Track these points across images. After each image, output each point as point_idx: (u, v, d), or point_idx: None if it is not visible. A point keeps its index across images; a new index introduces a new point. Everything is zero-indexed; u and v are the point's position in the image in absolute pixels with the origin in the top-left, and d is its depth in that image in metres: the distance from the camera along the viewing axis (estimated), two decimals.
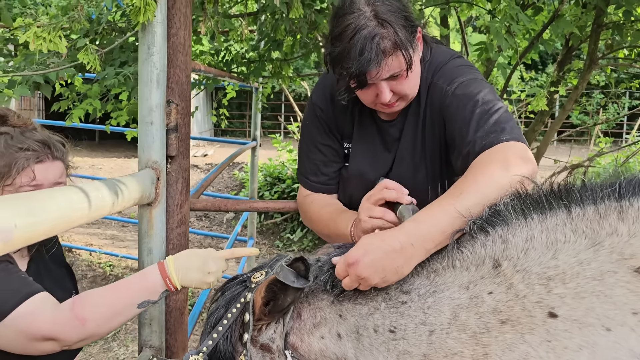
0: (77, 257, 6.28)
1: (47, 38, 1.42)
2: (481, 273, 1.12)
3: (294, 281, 1.19)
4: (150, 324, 1.60)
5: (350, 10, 1.39)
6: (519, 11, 2.76)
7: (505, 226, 1.12)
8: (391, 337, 1.16)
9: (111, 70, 2.89)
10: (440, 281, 1.16)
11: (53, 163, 1.54)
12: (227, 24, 2.98)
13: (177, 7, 1.63)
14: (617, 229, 1.03)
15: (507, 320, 1.05)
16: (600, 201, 1.06)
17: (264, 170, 8.60)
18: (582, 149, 14.19)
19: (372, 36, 1.35)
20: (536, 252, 1.07)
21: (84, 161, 12.23)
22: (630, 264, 0.99)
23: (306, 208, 1.77)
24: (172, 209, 1.72)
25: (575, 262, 1.03)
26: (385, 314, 1.18)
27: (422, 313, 1.14)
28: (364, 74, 1.38)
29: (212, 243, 7.71)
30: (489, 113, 1.40)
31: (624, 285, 0.98)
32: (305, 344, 1.24)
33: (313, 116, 1.73)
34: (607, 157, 7.70)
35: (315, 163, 1.74)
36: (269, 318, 1.26)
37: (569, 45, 3.90)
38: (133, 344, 4.65)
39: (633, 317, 0.96)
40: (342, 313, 1.23)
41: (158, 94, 1.54)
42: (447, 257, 1.17)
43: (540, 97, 2.77)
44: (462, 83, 1.50)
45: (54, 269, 1.67)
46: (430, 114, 1.59)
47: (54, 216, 0.81)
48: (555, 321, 1.01)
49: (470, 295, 1.10)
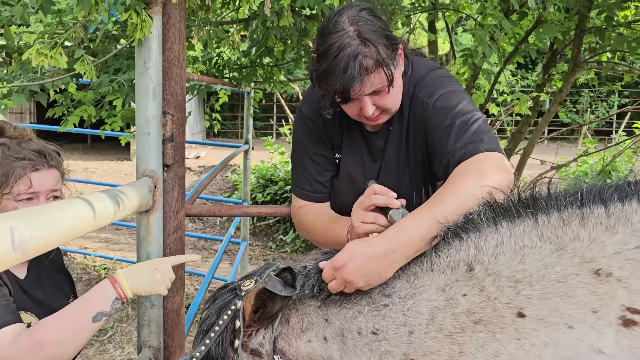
0: (71, 260, 6.32)
1: (49, 55, 1.49)
2: (456, 276, 1.20)
3: (281, 290, 1.26)
4: (149, 325, 1.68)
5: (334, 29, 1.47)
6: (502, 18, 2.85)
7: (477, 232, 1.21)
8: (374, 338, 1.24)
9: (105, 77, 2.95)
10: (419, 284, 1.24)
11: (49, 171, 1.60)
12: (219, 33, 3.05)
13: (171, 22, 1.71)
14: (578, 234, 1.11)
15: (480, 321, 1.14)
16: (564, 209, 1.15)
17: (257, 173, 8.67)
18: (573, 147, 14.36)
19: (355, 55, 1.43)
20: (505, 256, 1.16)
21: (77, 164, 12.23)
22: (591, 267, 1.07)
23: (301, 219, 1.82)
24: (169, 215, 1.79)
25: (541, 265, 1.12)
26: (368, 317, 1.26)
27: (402, 315, 1.22)
28: (347, 90, 1.46)
29: (206, 245, 7.77)
30: (467, 124, 1.49)
31: (585, 287, 1.07)
32: (293, 348, 1.31)
33: (305, 128, 1.79)
34: (594, 157, 7.83)
35: (309, 172, 1.79)
36: (258, 324, 1.33)
37: (554, 49, 3.99)
38: (129, 345, 4.70)
39: (592, 315, 1.05)
40: (328, 317, 1.31)
41: (154, 106, 1.61)
42: (426, 262, 1.26)
43: (523, 102, 2.86)
44: (441, 95, 1.58)
45: (53, 275, 1.73)
46: (413, 125, 1.67)
47: (64, 227, 0.89)
48: (523, 321, 1.10)
49: (446, 297, 1.19)
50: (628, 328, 1.02)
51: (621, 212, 1.10)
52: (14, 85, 2.49)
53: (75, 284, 1.87)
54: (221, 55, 4.00)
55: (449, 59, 5.18)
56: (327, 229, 1.71)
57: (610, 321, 1.03)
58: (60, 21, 3.40)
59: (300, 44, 3.71)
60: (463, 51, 3.13)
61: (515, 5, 2.76)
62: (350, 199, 1.75)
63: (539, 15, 3.45)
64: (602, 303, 1.05)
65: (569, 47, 3.82)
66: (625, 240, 1.07)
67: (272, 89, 4.30)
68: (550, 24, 3.36)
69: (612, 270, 1.05)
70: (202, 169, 11.50)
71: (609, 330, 1.03)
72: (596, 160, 7.83)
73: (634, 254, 1.05)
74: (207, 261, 6.97)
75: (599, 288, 1.05)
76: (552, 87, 4.32)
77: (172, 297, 1.85)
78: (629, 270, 1.04)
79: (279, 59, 4.04)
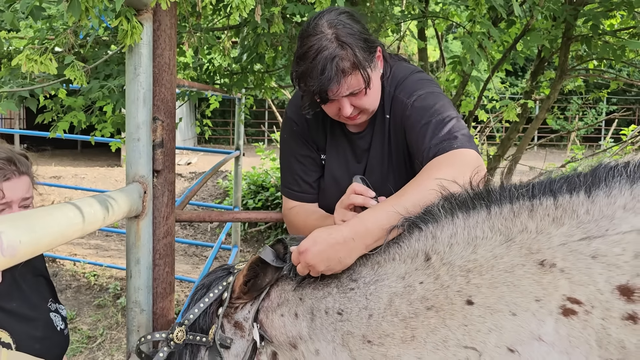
0: (60, 267, 6.28)
1: (39, 61, 1.50)
2: (415, 265, 1.25)
3: (273, 260, 1.36)
4: (138, 330, 1.67)
5: (313, 32, 1.52)
6: (490, 26, 2.89)
7: (435, 224, 1.25)
8: (339, 318, 1.31)
9: (96, 83, 2.95)
10: (382, 271, 1.31)
11: (20, 179, 1.58)
12: (210, 39, 3.06)
13: (162, 29, 1.72)
14: (527, 226, 1.13)
15: (432, 307, 1.19)
16: (515, 200, 1.17)
17: (248, 179, 8.66)
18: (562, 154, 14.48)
19: (332, 57, 1.48)
20: (459, 247, 1.20)
21: (67, 170, 12.17)
22: (536, 257, 1.10)
23: (292, 219, 1.86)
24: (159, 221, 1.79)
25: (491, 256, 1.15)
26: (336, 298, 1.34)
27: (365, 299, 1.29)
28: (325, 91, 1.52)
29: (197, 251, 7.74)
30: (443, 122, 1.53)
31: (530, 277, 1.10)
32: (269, 320, 1.41)
33: (290, 130, 1.84)
34: (583, 163, 7.90)
35: (297, 173, 1.84)
36: (247, 297, 1.42)
37: (541, 56, 4.05)
38: (118, 352, 4.67)
39: (535, 304, 1.08)
40: (302, 296, 1.39)
41: (144, 112, 1.62)
42: (388, 251, 1.32)
43: (511, 109, 2.90)
44: (420, 96, 1.63)
45: (30, 278, 1.71)
46: (394, 125, 1.72)
47: (52, 231, 0.89)
48: (471, 308, 1.14)
49: (404, 284, 1.24)
50: (567, 317, 1.04)
51: (568, 204, 1.11)
52: (3, 90, 2.49)
53: (61, 289, 1.85)
54: (212, 62, 4.02)
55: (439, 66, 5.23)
56: (316, 227, 1.75)
57: (551, 310, 1.06)
58: (51, 27, 3.40)
59: (291, 50, 3.73)
60: (452, 58, 3.17)
61: (503, 14, 2.80)
62: (336, 199, 1.78)
63: (526, 24, 3.50)
64: (545, 292, 1.07)
65: (557, 54, 3.87)
66: (570, 232, 1.08)
67: (263, 95, 4.31)
68: (537, 32, 3.41)
69: (555, 261, 1.08)
70: (193, 175, 11.47)
71: (549, 318, 1.06)
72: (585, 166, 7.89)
73: (577, 245, 1.07)
74: (198, 268, 6.95)
75: (543, 278, 1.08)
76: (540, 94, 4.37)
77: (162, 303, 1.85)
78: (571, 262, 1.06)
79: (269, 66, 4.06)
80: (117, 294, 5.74)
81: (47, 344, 1.66)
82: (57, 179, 10.75)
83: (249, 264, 1.39)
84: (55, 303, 1.80)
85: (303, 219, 1.82)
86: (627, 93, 19.25)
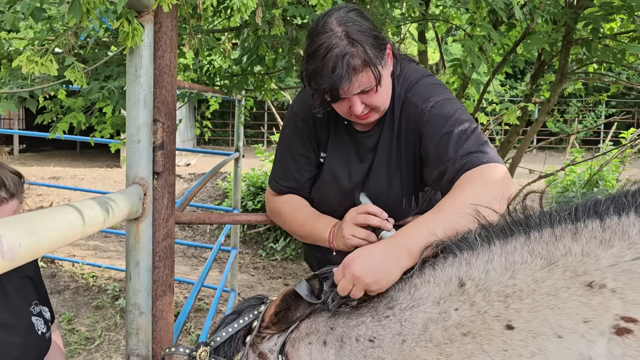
0: (59, 268, 6.27)
1: (39, 62, 1.49)
2: (449, 290, 1.23)
3: (307, 295, 1.33)
4: (137, 333, 1.67)
5: (323, 30, 1.51)
6: (491, 30, 2.89)
7: (470, 251, 1.25)
8: (369, 345, 1.28)
9: (96, 84, 2.94)
10: (418, 295, 1.28)
11: (9, 203, 1.56)
12: (210, 41, 3.06)
13: (163, 30, 1.71)
14: (570, 249, 1.12)
15: (468, 333, 1.16)
16: (557, 224, 1.16)
17: (247, 180, 8.65)
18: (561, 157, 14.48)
19: (342, 55, 1.47)
20: (496, 272, 1.19)
21: (66, 171, 12.15)
22: (583, 279, 1.09)
23: (278, 207, 1.88)
24: (159, 223, 1.79)
25: (532, 280, 1.14)
26: (369, 326, 1.30)
27: (400, 325, 1.26)
28: (336, 89, 1.50)
29: (196, 253, 7.73)
30: (466, 133, 1.53)
31: (577, 299, 1.08)
32: (294, 349, 1.37)
33: (294, 125, 1.83)
34: (582, 166, 7.91)
35: (289, 170, 1.85)
36: (276, 328, 1.39)
37: (541, 59, 4.05)
38: (117, 354, 4.66)
39: (584, 325, 1.06)
40: (334, 326, 1.35)
41: (145, 114, 1.61)
42: (424, 273, 1.29)
43: (511, 112, 2.90)
44: (437, 102, 1.62)
45: (15, 280, 1.69)
46: (406, 128, 1.70)
47: (53, 234, 0.89)
48: (511, 332, 1.12)
49: (440, 310, 1.22)
50: (621, 336, 1.03)
51: (617, 225, 1.10)
52: (2, 91, 2.48)
53: (59, 290, 1.84)
54: (212, 63, 4.01)
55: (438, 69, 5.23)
56: (307, 222, 1.79)
57: (603, 330, 1.04)
58: (51, 28, 3.40)
59: (292, 52, 3.73)
60: (452, 61, 3.17)
61: (503, 17, 2.80)
62: (335, 198, 1.78)
63: (526, 27, 3.50)
64: (595, 313, 1.05)
65: (557, 58, 3.87)
66: (621, 253, 1.07)
67: (263, 97, 4.31)
68: (538, 35, 3.42)
69: (606, 282, 1.06)
70: (193, 177, 11.47)
71: (600, 339, 1.04)
72: (584, 169, 7.91)
73: (629, 265, 1.05)
74: (197, 269, 6.94)
75: (591, 300, 1.07)
76: (540, 97, 4.37)
77: (161, 305, 1.84)
78: (623, 282, 1.05)
79: (270, 68, 4.06)
80: (115, 295, 5.73)
81: (26, 349, 1.65)
82: (56, 180, 10.74)
83: (283, 294, 1.37)
84: (39, 305, 1.78)
85: (291, 210, 1.84)
86: (626, 96, 19.28)
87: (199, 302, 5.75)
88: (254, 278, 6.99)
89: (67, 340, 4.91)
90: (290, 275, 7.15)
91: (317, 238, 1.75)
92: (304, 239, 1.85)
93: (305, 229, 1.80)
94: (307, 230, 1.79)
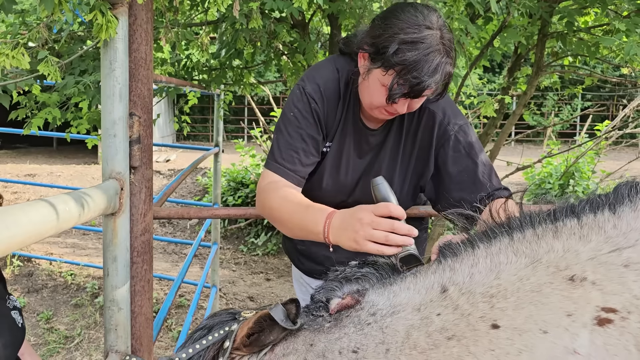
0: (36, 266, 6.16)
1: (10, 55, 1.46)
2: (430, 296, 1.24)
3: (282, 320, 1.26)
4: (116, 329, 1.65)
5: (424, 23, 1.50)
6: (468, 23, 2.92)
7: (454, 257, 1.26)
8: (353, 357, 1.25)
9: (71, 79, 2.90)
10: (397, 302, 1.27)
11: None
12: (188, 34, 3.03)
13: (138, 23, 1.69)
14: (553, 246, 1.16)
15: (453, 336, 1.16)
16: (537, 224, 1.20)
17: (227, 176, 8.61)
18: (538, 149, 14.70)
19: (445, 62, 1.50)
20: (481, 275, 1.20)
21: (42, 169, 11.94)
22: (565, 274, 1.11)
23: (269, 194, 1.65)
24: (136, 218, 1.77)
25: (516, 279, 1.15)
26: (351, 337, 1.28)
27: (382, 332, 1.24)
28: (424, 89, 1.51)
29: (176, 249, 7.68)
30: (486, 166, 1.69)
31: (559, 293, 1.10)
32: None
33: (306, 106, 1.70)
34: (558, 158, 8.04)
35: (296, 151, 1.68)
36: (247, 350, 1.32)
37: (518, 53, 4.10)
38: (96, 352, 4.62)
39: (567, 319, 1.08)
40: (314, 342, 1.30)
41: (120, 108, 1.59)
42: (404, 281, 1.30)
43: (489, 105, 2.93)
44: (461, 127, 1.72)
45: None
46: (422, 136, 1.74)
47: (26, 229, 0.87)
48: (497, 331, 1.13)
49: (421, 316, 1.22)
50: (603, 327, 1.05)
51: (593, 222, 1.14)
52: None
53: (37, 289, 1.81)
54: (190, 57, 3.98)
55: None
56: (295, 211, 1.55)
57: (585, 322, 1.06)
58: (24, 21, 3.33)
59: (270, 46, 3.72)
60: None
61: (480, 10, 2.83)
62: (329, 189, 1.79)
63: (503, 20, 3.54)
64: (577, 306, 1.08)
65: (533, 51, 3.92)
66: (598, 247, 1.11)
67: (242, 91, 4.29)
68: (514, 28, 3.45)
69: (586, 275, 1.09)
70: (172, 173, 11.37)
71: (583, 331, 1.06)
72: (560, 161, 8.04)
73: (606, 258, 1.09)
74: (178, 265, 6.89)
75: (573, 293, 1.09)
76: (517, 90, 4.42)
77: (140, 301, 1.82)
78: (602, 273, 1.08)
79: (248, 62, 4.04)
80: (94, 293, 5.67)
81: (13, 346, 1.62)
82: (32, 177, 10.55)
83: (257, 317, 1.29)
84: (10, 297, 1.75)
85: (281, 198, 1.61)
86: (601, 89, 19.62)
87: (180, 298, 5.71)
88: (235, 273, 6.97)
89: (45, 340, 4.84)
90: (272, 270, 7.14)
91: (304, 229, 1.51)
92: (290, 231, 1.60)
93: (293, 219, 1.55)
94: (295, 219, 1.54)
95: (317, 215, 1.45)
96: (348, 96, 1.75)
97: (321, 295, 1.38)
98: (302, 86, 1.73)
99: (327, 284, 1.40)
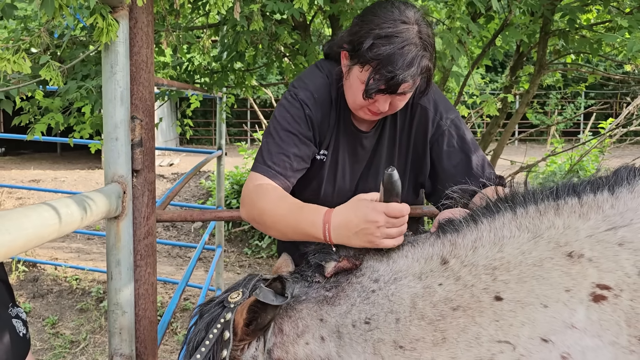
0: (42, 271, 6.17)
1: (11, 60, 1.46)
2: (430, 267, 1.27)
3: (273, 300, 1.25)
4: (121, 333, 1.65)
5: (400, 18, 1.49)
6: (469, 22, 2.91)
7: (455, 233, 1.29)
8: (367, 328, 1.28)
9: (73, 84, 2.90)
10: (397, 268, 1.30)
11: None
12: (189, 37, 3.03)
13: (138, 26, 1.69)
14: (554, 223, 1.21)
15: (458, 307, 1.20)
16: (540, 201, 1.25)
17: (231, 179, 8.61)
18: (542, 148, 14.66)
19: (421, 55, 1.48)
20: (484, 248, 1.24)
21: (46, 174, 11.97)
22: (564, 250, 1.16)
23: (259, 196, 1.56)
24: (139, 221, 1.77)
25: (519, 252, 1.20)
26: (360, 308, 1.29)
27: (388, 301, 1.27)
28: (399, 84, 1.48)
29: (180, 252, 7.68)
30: (482, 159, 1.69)
31: (559, 268, 1.15)
32: (291, 355, 1.31)
33: (300, 112, 1.67)
34: (562, 156, 8.01)
35: (287, 156, 1.63)
36: (251, 337, 1.33)
37: (520, 51, 4.08)
38: (102, 356, 4.62)
39: (566, 294, 1.13)
40: (323, 317, 1.32)
41: (122, 111, 1.59)
42: (401, 249, 1.33)
43: (491, 104, 2.92)
44: (452, 121, 1.71)
45: None
46: (416, 132, 1.74)
47: (28, 233, 0.87)
48: (501, 303, 1.17)
49: (423, 285, 1.25)
50: (598, 303, 1.10)
51: (593, 201, 1.20)
52: None
53: (42, 294, 1.81)
54: (192, 61, 3.98)
55: None
56: (290, 212, 1.49)
57: (582, 298, 1.11)
58: (26, 27, 3.34)
59: (272, 48, 3.72)
60: None
61: (481, 9, 2.82)
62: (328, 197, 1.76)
63: (505, 19, 3.53)
64: (575, 282, 1.13)
65: (535, 49, 3.91)
66: (597, 225, 1.16)
67: (244, 94, 4.29)
68: (515, 27, 3.44)
69: (583, 252, 1.14)
70: (176, 176, 11.38)
71: (580, 306, 1.11)
72: (564, 160, 8.01)
73: (604, 236, 1.14)
74: (182, 269, 6.90)
75: (571, 269, 1.14)
76: (519, 89, 4.41)
77: (144, 304, 1.82)
78: (598, 251, 1.13)
79: (250, 64, 4.04)
80: (99, 297, 5.67)
81: (10, 355, 1.62)
82: (36, 183, 10.58)
83: (248, 307, 1.28)
84: (15, 307, 1.75)
85: (273, 199, 1.54)
86: (604, 87, 19.55)
87: (185, 301, 5.71)
88: (239, 276, 6.96)
89: (51, 344, 4.84)
90: None
91: (303, 232, 1.44)
92: (286, 234, 1.52)
93: (287, 219, 1.49)
94: (289, 219, 1.48)
95: (313, 216, 1.40)
96: (339, 101, 1.74)
97: (316, 258, 1.37)
98: (295, 92, 1.70)
99: (321, 246, 1.40)
